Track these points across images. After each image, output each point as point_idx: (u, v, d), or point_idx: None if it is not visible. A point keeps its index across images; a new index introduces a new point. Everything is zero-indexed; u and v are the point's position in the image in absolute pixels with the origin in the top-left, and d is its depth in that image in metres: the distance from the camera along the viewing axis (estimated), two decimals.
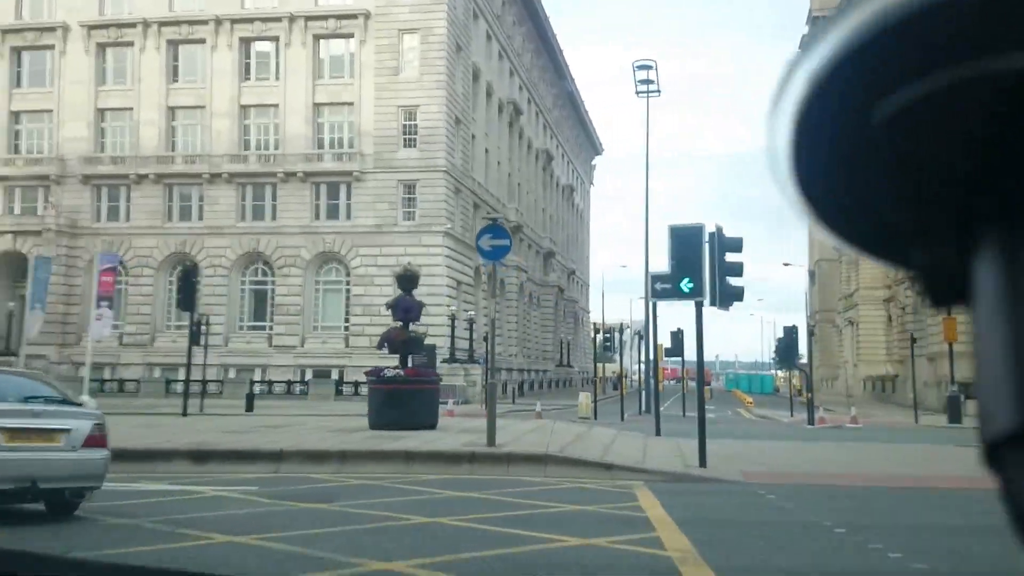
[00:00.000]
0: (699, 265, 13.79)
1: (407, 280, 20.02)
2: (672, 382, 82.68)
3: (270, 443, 15.52)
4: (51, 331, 48.08)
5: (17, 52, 52.62)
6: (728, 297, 14.10)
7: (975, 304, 0.42)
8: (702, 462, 14.10)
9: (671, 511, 10.22)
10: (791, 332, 31.68)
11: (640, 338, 38.21)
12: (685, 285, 13.86)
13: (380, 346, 19.73)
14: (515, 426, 20.00)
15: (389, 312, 19.98)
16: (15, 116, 52.72)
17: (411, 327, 19.40)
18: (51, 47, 52.17)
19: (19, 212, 51.61)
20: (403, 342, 18.75)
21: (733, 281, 14.05)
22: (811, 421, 31.07)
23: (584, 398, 31.23)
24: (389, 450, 14.60)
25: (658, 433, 21.31)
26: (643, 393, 36.87)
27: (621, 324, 40.05)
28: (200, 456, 14.59)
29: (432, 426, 18.27)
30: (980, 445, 0.41)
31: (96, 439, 9.61)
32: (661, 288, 14.17)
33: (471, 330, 48.02)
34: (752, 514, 10.46)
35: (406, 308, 18.77)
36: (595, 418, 29.89)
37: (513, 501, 11.13)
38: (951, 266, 0.43)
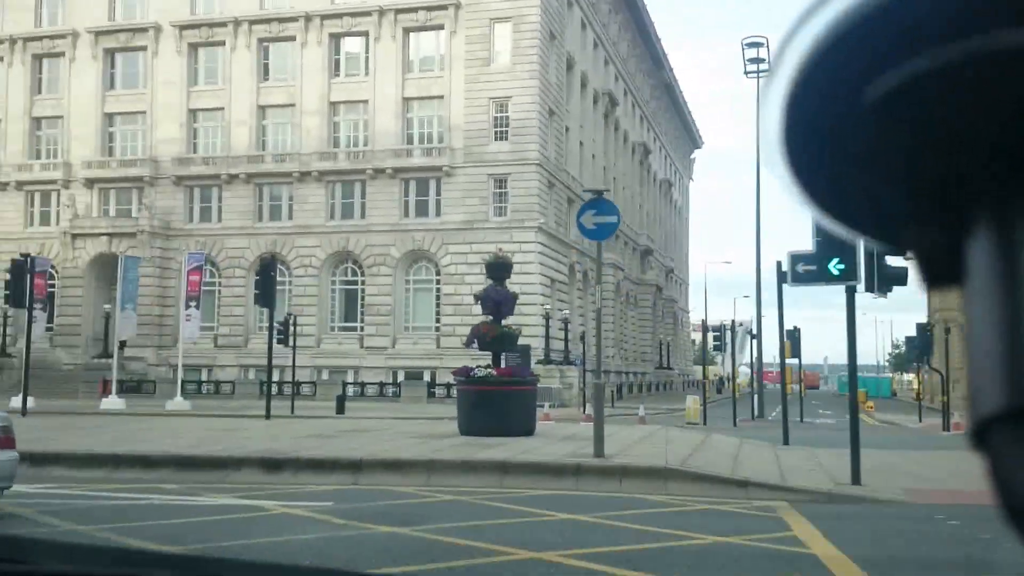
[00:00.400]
0: (851, 243, 11.46)
1: (498, 268, 17.94)
2: (774, 386, 78.90)
3: (350, 451, 13.77)
4: (148, 333, 48.05)
5: (110, 54, 52.87)
6: (887, 280, 11.68)
7: (966, 284, 0.42)
8: (855, 479, 11.74)
9: (842, 545, 7.99)
10: (924, 330, 28.63)
11: (752, 337, 35.55)
12: (834, 267, 11.52)
13: (469, 343, 17.81)
14: (622, 433, 17.87)
15: (478, 305, 17.98)
16: (109, 118, 52.96)
17: (504, 322, 17.42)
18: (143, 48, 52.23)
19: (114, 214, 51.77)
20: (494, 338, 16.76)
21: (892, 261, 11.62)
22: (946, 427, 28.03)
23: (692, 402, 28.83)
24: (481, 460, 12.68)
25: (786, 442, 18.87)
26: (755, 396, 34.24)
27: (733, 321, 37.37)
28: (273, 465, 12.94)
29: (529, 432, 16.29)
30: (969, 425, 0.41)
31: (1, 441, 9.71)
32: (803, 271, 11.87)
33: (566, 330, 45.96)
34: (951, 550, 8.14)
35: (497, 300, 16.76)
36: (704, 423, 27.51)
37: (635, 528, 9.05)
38: (944, 247, 0.43)
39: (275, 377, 46.29)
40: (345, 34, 50.23)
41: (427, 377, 45.94)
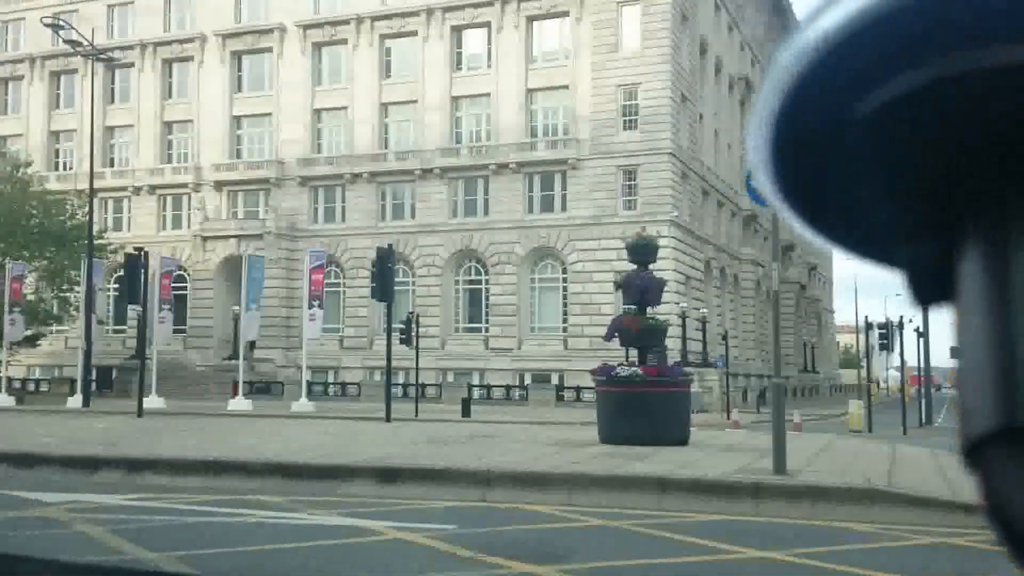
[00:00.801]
0: None
1: (642, 250, 15.58)
2: (915, 388, 73.47)
3: (476, 460, 11.83)
4: (275, 335, 47.85)
5: (237, 57, 53.09)
6: None
7: (958, 302, 0.41)
8: None
9: None
10: None
11: (920, 336, 32.13)
12: None
13: (609, 337, 15.61)
14: (792, 444, 15.32)
15: (619, 293, 15.72)
16: (237, 121, 53.18)
17: (649, 312, 15.15)
18: (269, 50, 52.21)
19: (242, 216, 51.91)
20: (640, 332, 14.47)
21: None
22: None
23: (855, 407, 25.78)
24: (634, 475, 10.50)
25: None
26: (922, 400, 30.78)
27: (901, 317, 33.92)
28: (388, 476, 11.13)
29: (682, 441, 13.98)
30: (961, 444, 0.41)
31: None
32: None
33: (704, 330, 43.15)
34: None
35: (642, 287, 14.40)
36: (870, 430, 24.50)
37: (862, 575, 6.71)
38: (935, 264, 0.43)
39: (399, 379, 45.46)
40: (467, 26, 48.89)
41: (555, 380, 44.05)
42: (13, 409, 30.90)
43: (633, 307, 14.96)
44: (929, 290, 0.44)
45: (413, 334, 33.77)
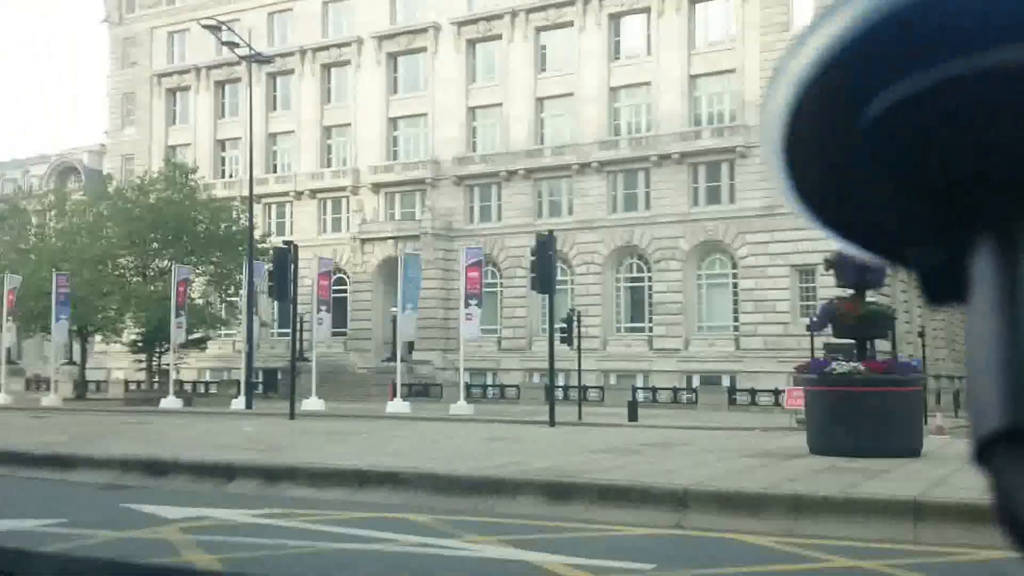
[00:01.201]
0: None
1: None
2: None
3: (665, 475, 9.78)
4: (433, 336, 47.19)
5: (393, 58, 52.87)
6: None
7: (969, 302, 0.41)
8: None
9: None
10: None
11: None
12: None
13: (818, 327, 13.16)
14: None
15: (829, 275, 13.20)
16: (393, 123, 52.96)
17: (870, 296, 12.63)
18: (423, 49, 51.71)
19: (399, 217, 51.61)
20: (859, 319, 11.95)
21: None
22: None
23: None
24: (881, 498, 8.17)
25: None
26: None
27: None
28: (559, 492, 9.24)
29: (914, 453, 11.43)
30: (972, 443, 0.41)
31: None
32: None
33: (892, 328, 39.18)
34: None
35: (860, 267, 11.86)
36: None
37: None
38: (947, 264, 0.43)
39: (560, 381, 43.82)
40: (625, 13, 46.78)
41: (725, 382, 41.34)
42: (179, 411, 31.05)
43: (850, 290, 12.46)
44: (941, 290, 0.44)
45: (574, 333, 31.87)
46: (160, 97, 58.12)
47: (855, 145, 0.42)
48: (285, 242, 24.84)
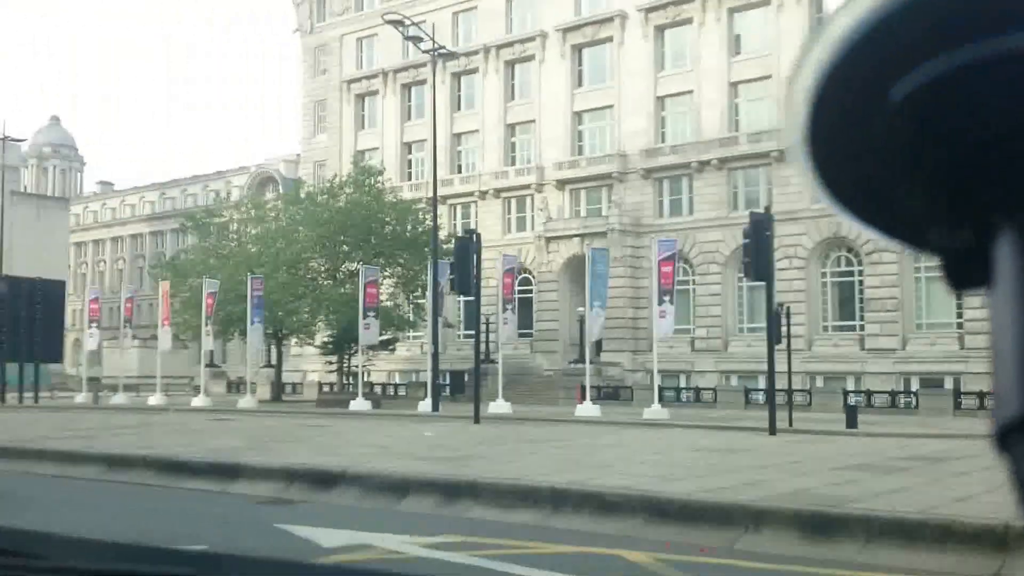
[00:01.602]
0: None
1: None
2: None
3: (960, 503, 7.31)
4: (622, 337, 45.25)
5: (577, 51, 51.24)
6: None
7: (992, 288, 0.41)
8: None
9: None
10: None
11: None
12: None
13: None
14: None
15: None
16: (577, 117, 51.31)
17: None
18: (609, 40, 49.78)
19: (584, 214, 49.86)
20: None
21: None
22: None
23: None
24: None
25: None
26: None
27: None
28: (818, 525, 7.02)
29: None
30: (992, 430, 0.40)
31: None
32: None
33: None
34: None
35: None
36: None
37: None
38: (970, 250, 0.42)
39: (758, 383, 40.72)
40: None
41: (947, 384, 37.04)
42: (367, 413, 30.51)
43: None
44: (964, 276, 0.43)
45: (782, 334, 28.90)
46: (349, 103, 59.05)
47: (880, 128, 0.41)
48: (467, 231, 23.50)
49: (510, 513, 8.04)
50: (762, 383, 41.00)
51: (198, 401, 36.23)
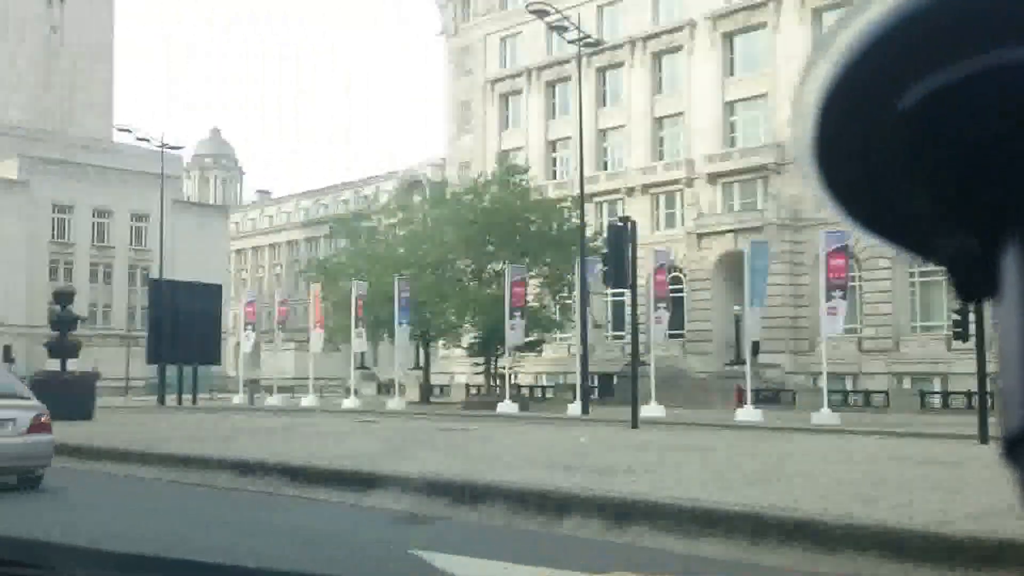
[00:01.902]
0: None
1: None
2: None
3: None
4: (781, 338, 42.72)
5: (728, 38, 48.90)
6: None
7: (999, 298, 0.41)
8: None
9: None
10: None
11: None
12: None
13: None
14: None
15: None
16: (729, 107, 48.91)
17: None
18: (763, 25, 47.23)
19: (738, 209, 47.44)
20: None
21: None
22: None
23: None
24: None
25: None
26: None
27: None
28: None
29: None
30: (1000, 440, 0.40)
31: (40, 426, 10.07)
32: None
33: None
34: None
35: None
36: None
37: None
38: (978, 259, 0.42)
39: (934, 387, 37.49)
40: None
41: None
42: (514, 416, 29.54)
43: None
44: (972, 285, 0.43)
45: (970, 331, 26.04)
46: (493, 103, 58.49)
47: (887, 137, 0.41)
48: (620, 219, 22.01)
49: (698, 543, 6.56)
50: (938, 386, 37.80)
51: (348, 403, 36.21)
